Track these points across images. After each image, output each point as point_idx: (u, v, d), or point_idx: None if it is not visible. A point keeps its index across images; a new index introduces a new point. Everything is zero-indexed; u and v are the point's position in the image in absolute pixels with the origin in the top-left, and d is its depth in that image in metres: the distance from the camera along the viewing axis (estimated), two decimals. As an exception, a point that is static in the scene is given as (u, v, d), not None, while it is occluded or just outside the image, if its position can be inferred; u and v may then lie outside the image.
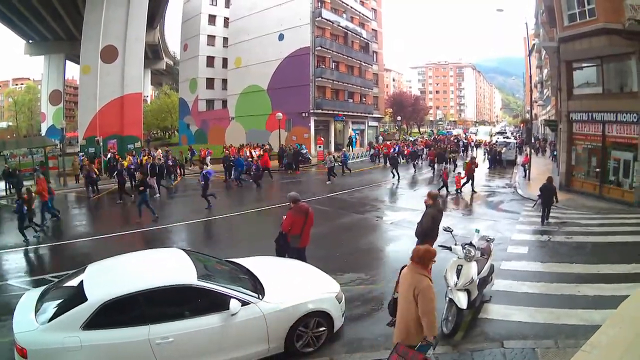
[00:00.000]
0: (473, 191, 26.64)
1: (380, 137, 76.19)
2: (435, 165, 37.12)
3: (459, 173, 26.22)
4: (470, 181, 26.75)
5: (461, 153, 50.55)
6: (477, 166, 28.07)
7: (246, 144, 47.01)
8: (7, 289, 11.77)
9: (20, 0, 55.84)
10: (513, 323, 8.85)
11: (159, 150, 41.63)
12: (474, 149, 60.49)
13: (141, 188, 20.24)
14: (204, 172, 23.17)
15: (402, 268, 6.63)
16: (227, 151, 39.09)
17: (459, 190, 26.42)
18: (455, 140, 62.12)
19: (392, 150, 43.92)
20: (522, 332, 8.39)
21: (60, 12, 59.54)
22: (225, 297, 7.27)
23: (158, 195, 26.82)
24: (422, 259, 6.15)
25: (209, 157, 41.00)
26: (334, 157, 33.85)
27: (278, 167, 39.50)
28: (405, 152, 46.22)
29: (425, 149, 49.98)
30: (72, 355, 6.45)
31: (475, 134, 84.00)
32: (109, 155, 37.44)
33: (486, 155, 48.40)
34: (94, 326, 6.59)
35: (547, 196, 18.03)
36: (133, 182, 28.82)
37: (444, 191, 26.00)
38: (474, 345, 8.00)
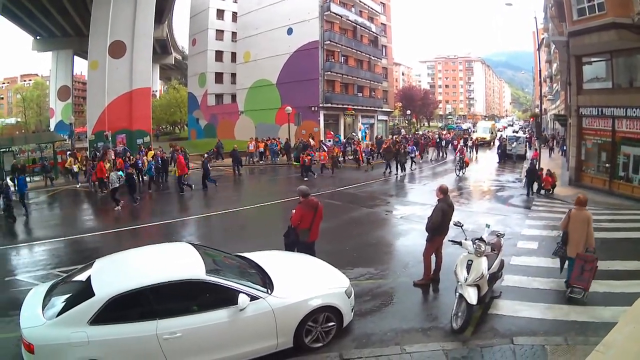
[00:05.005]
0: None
1: (402, 131, 74.87)
2: (391, 163, 33.96)
3: (552, 173, 25.28)
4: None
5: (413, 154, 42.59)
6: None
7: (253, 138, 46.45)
8: (15, 284, 11.79)
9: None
10: (523, 319, 8.83)
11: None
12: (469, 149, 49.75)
13: None
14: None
15: (570, 211, 10.28)
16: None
17: (548, 191, 24.99)
18: (438, 139, 52.68)
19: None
20: (532, 328, 8.36)
21: (67, 8, 59.62)
22: (233, 291, 7.22)
23: None
24: (586, 202, 10.25)
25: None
26: (117, 174, 22.96)
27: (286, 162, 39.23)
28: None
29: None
30: (79, 350, 6.45)
31: (475, 130, 72.25)
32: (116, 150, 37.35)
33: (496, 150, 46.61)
34: (102, 321, 6.58)
35: (531, 175, 24.64)
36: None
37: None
38: (483, 341, 7.97)
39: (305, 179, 30.29)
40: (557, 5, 29.88)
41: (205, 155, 33.52)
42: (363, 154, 39.99)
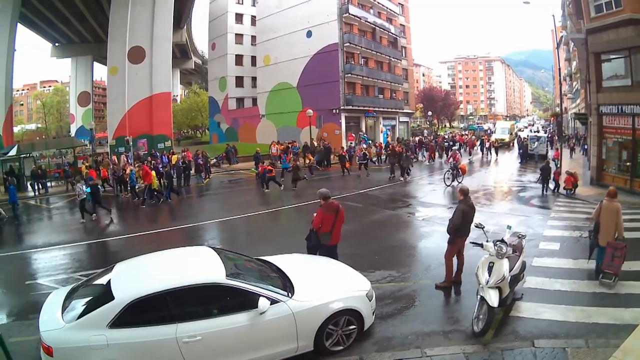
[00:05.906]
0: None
1: (425, 132, 73.83)
2: (395, 168, 32.48)
3: (572, 173, 25.13)
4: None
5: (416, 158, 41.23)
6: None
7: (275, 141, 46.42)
8: (35, 288, 11.92)
9: (44, 4, 56.65)
10: (544, 321, 8.70)
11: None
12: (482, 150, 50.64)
13: None
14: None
15: (601, 202, 11.14)
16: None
17: (569, 191, 24.51)
18: (447, 142, 51.12)
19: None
20: (553, 330, 8.25)
21: (85, 14, 60.36)
22: (254, 295, 7.19)
23: None
24: (616, 194, 11.00)
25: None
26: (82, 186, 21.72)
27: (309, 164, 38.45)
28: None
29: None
30: (99, 353, 6.45)
31: (493, 131, 68.85)
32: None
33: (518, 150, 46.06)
34: (121, 325, 6.59)
35: (545, 174, 25.22)
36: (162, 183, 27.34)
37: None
38: (504, 344, 7.88)
39: (267, 190, 27.86)
40: (575, 2, 29.70)
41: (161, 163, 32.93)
42: (350, 160, 37.24)
